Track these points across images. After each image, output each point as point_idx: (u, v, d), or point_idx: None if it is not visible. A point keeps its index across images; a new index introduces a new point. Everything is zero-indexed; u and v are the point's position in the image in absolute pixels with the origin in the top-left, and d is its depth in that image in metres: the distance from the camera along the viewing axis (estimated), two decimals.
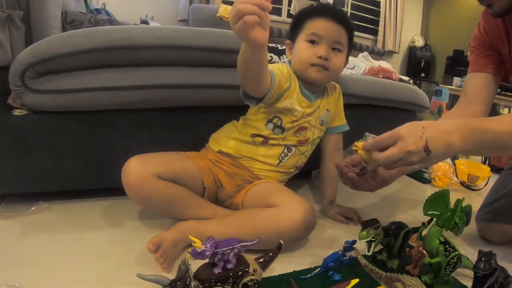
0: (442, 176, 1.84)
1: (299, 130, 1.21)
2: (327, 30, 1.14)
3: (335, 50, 1.17)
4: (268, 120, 1.18)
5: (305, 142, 1.24)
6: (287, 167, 1.24)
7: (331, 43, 1.15)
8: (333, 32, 1.15)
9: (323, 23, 1.14)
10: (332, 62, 1.15)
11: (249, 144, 1.19)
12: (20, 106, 1.15)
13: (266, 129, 1.18)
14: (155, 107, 1.25)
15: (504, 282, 0.83)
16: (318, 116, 1.25)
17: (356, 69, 2.53)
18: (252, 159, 1.19)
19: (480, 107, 1.22)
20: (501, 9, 1.02)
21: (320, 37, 1.14)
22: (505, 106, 4.21)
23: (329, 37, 1.14)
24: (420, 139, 0.80)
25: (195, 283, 0.73)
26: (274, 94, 1.10)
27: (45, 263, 0.94)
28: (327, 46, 1.14)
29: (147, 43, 1.16)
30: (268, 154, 1.20)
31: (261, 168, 1.20)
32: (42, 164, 1.18)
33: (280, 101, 1.15)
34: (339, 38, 1.16)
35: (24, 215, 1.17)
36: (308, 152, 1.29)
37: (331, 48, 1.15)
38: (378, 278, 0.86)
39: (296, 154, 1.23)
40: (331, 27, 1.14)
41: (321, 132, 1.30)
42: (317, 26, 1.14)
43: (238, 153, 1.19)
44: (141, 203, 1.09)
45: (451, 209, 0.87)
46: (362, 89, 1.57)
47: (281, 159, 1.21)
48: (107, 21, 2.01)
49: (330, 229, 1.25)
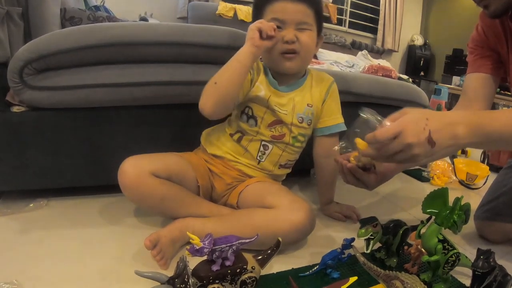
0: (441, 175, 1.84)
1: (273, 124, 1.15)
2: (288, 11, 1.06)
3: (302, 30, 1.09)
4: (241, 112, 1.16)
5: (281, 137, 1.16)
6: (270, 168, 1.20)
7: (296, 25, 1.07)
8: (295, 12, 1.07)
9: (282, 4, 1.06)
10: (300, 41, 1.08)
11: (232, 144, 1.18)
12: (19, 103, 1.15)
13: (241, 122, 1.16)
14: (154, 104, 1.25)
15: (503, 281, 0.83)
16: (295, 112, 1.16)
17: (355, 67, 2.53)
18: (235, 157, 1.17)
19: (479, 106, 1.21)
20: (497, 10, 1.02)
21: (282, 21, 1.07)
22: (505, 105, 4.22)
23: (292, 19, 1.07)
24: (423, 131, 0.76)
25: (193, 280, 0.73)
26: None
27: (43, 260, 0.94)
28: (292, 28, 1.07)
29: (145, 40, 1.16)
30: (246, 154, 1.17)
31: (246, 166, 1.18)
32: (40, 161, 1.18)
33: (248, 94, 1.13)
34: (304, 18, 1.08)
35: (22, 212, 1.17)
36: (292, 149, 1.20)
37: (297, 29, 1.08)
38: (377, 276, 0.86)
39: (274, 151, 1.17)
40: (292, 8, 1.06)
41: (303, 130, 1.19)
42: (276, 9, 1.07)
43: (224, 153, 1.17)
44: (138, 202, 1.08)
45: (450, 207, 0.87)
46: (361, 87, 1.57)
47: (260, 158, 1.18)
48: (106, 18, 2.01)
49: (329, 227, 1.25)
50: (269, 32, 1.00)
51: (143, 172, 0.99)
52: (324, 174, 1.29)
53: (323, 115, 1.22)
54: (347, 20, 6.21)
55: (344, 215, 1.30)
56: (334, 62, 2.64)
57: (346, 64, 2.63)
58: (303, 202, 1.04)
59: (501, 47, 1.17)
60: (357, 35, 6.20)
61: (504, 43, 1.15)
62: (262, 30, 0.99)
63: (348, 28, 6.20)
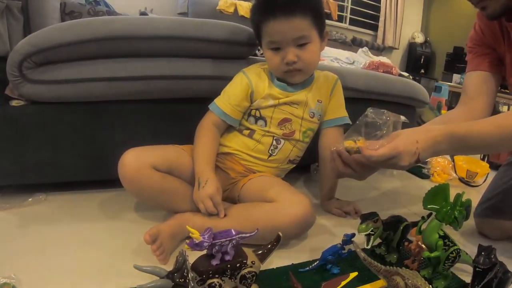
0: (441, 172, 1.84)
1: (282, 122, 1.17)
2: (281, 32, 1.05)
3: (302, 46, 1.08)
4: (248, 115, 1.18)
5: (292, 134, 1.19)
6: (279, 161, 1.21)
7: (294, 41, 1.06)
8: (289, 30, 1.04)
9: (274, 26, 1.04)
10: (302, 59, 1.08)
11: (238, 138, 1.18)
12: (18, 96, 1.14)
13: (249, 123, 1.18)
14: (154, 98, 1.25)
15: (503, 277, 0.83)
16: (307, 108, 1.19)
17: (356, 64, 2.52)
18: (243, 153, 1.18)
19: (480, 102, 1.20)
20: (495, 11, 1.02)
21: (279, 42, 1.06)
22: (505, 103, 4.22)
23: (288, 38, 1.05)
24: (414, 154, 0.89)
25: (192, 275, 0.73)
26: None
27: (42, 255, 0.94)
28: (291, 47, 1.06)
29: (146, 33, 1.15)
30: (257, 148, 1.18)
31: (252, 162, 1.19)
32: (39, 156, 1.18)
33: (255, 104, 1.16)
34: (300, 32, 1.06)
35: (21, 206, 1.16)
36: (301, 145, 1.23)
37: (297, 46, 1.07)
38: (377, 271, 0.86)
39: (286, 146, 1.20)
40: (284, 27, 1.04)
41: (312, 124, 1.23)
42: (270, 31, 1.06)
43: (230, 148, 1.18)
44: (137, 195, 1.08)
45: (451, 203, 0.87)
46: (362, 83, 1.56)
47: (271, 152, 1.19)
48: (106, 13, 2.01)
49: (329, 222, 1.24)
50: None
51: (143, 165, 0.98)
52: (327, 166, 1.28)
53: (329, 110, 1.26)
54: (348, 16, 6.19)
55: (344, 211, 1.29)
56: (334, 58, 2.63)
57: (347, 61, 2.62)
58: (303, 196, 1.04)
59: (499, 46, 1.17)
60: (357, 32, 6.18)
61: (501, 42, 1.15)
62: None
63: (349, 25, 6.18)
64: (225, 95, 1.15)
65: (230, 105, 1.14)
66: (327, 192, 1.33)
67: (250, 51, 1.33)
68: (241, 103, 1.14)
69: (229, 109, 1.14)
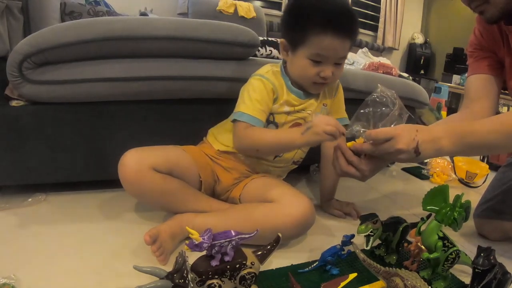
0: (440, 173, 1.84)
1: (293, 126, 1.17)
2: (333, 50, 1.03)
3: (338, 64, 1.09)
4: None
5: None
6: (284, 162, 1.23)
7: (336, 60, 1.07)
8: (340, 50, 1.05)
9: (333, 42, 1.02)
10: (335, 76, 1.09)
11: None
12: (18, 97, 1.14)
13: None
14: (154, 98, 1.25)
15: (503, 278, 0.83)
16: (315, 112, 1.18)
17: (355, 65, 2.52)
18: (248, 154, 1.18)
19: (482, 105, 1.19)
20: (493, 16, 1.02)
21: (325, 58, 1.04)
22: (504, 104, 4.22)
23: (336, 56, 1.05)
24: (412, 140, 0.89)
25: (192, 276, 0.73)
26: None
27: (41, 255, 0.94)
28: (332, 64, 1.06)
29: (146, 34, 1.15)
30: None
31: (257, 162, 1.19)
32: (39, 156, 1.18)
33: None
34: (345, 52, 1.07)
35: (20, 206, 1.16)
36: (306, 147, 1.26)
37: (335, 63, 1.07)
38: (376, 272, 0.86)
39: None
40: (338, 46, 1.03)
41: None
42: (325, 46, 1.02)
43: (235, 148, 1.17)
44: (138, 196, 1.08)
45: (450, 204, 0.87)
46: (361, 84, 1.56)
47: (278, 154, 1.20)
48: (106, 13, 2.01)
49: (329, 223, 1.24)
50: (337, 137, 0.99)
51: (144, 166, 0.98)
52: (328, 166, 1.28)
53: (331, 111, 1.27)
54: None
55: (343, 212, 1.30)
56: None
57: (347, 62, 2.62)
58: (304, 196, 1.04)
59: (498, 50, 1.17)
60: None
61: (501, 46, 1.15)
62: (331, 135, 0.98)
63: None
64: (251, 102, 1.08)
65: (260, 111, 1.08)
66: (327, 193, 1.33)
67: (250, 52, 1.33)
68: (268, 106, 1.11)
69: (259, 114, 1.08)
